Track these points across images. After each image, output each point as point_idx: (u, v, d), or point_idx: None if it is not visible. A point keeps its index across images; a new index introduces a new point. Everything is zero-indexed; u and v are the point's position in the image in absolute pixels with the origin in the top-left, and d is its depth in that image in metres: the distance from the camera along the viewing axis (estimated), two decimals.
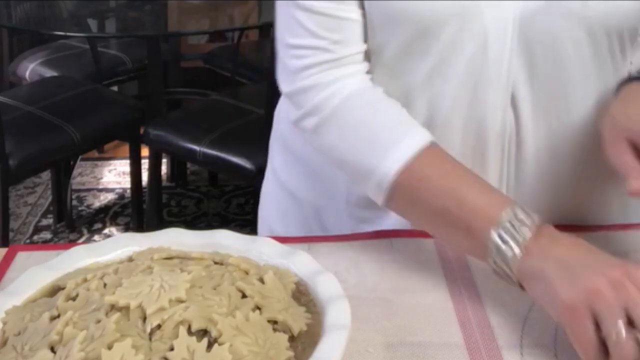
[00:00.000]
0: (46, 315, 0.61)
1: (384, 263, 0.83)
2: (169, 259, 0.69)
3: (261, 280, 0.66)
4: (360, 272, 0.81)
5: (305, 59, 0.85)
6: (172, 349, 0.57)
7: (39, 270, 0.70)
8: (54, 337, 0.58)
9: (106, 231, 2.83)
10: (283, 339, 0.61)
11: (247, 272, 0.67)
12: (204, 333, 0.59)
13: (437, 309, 0.76)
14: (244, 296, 0.63)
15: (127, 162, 2.68)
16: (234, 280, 0.64)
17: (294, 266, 0.71)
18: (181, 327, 0.58)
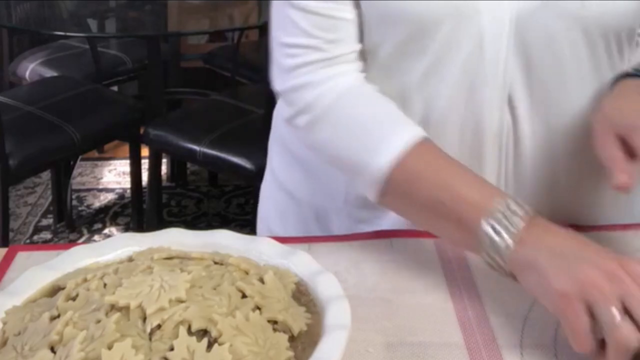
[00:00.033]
0: (46, 315, 0.61)
1: (384, 263, 0.83)
2: (169, 259, 0.69)
3: (261, 280, 0.66)
4: (360, 272, 0.81)
5: (298, 57, 0.85)
6: (172, 349, 0.57)
7: (39, 270, 0.70)
8: (54, 337, 0.58)
9: (106, 231, 2.83)
10: (283, 339, 0.61)
11: (247, 272, 0.67)
12: (204, 333, 0.59)
13: (437, 309, 0.76)
14: (244, 296, 0.63)
15: (127, 162, 2.68)
16: (234, 280, 0.64)
17: (294, 266, 0.71)
18: (181, 327, 0.58)
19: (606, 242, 0.84)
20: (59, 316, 0.61)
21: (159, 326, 0.59)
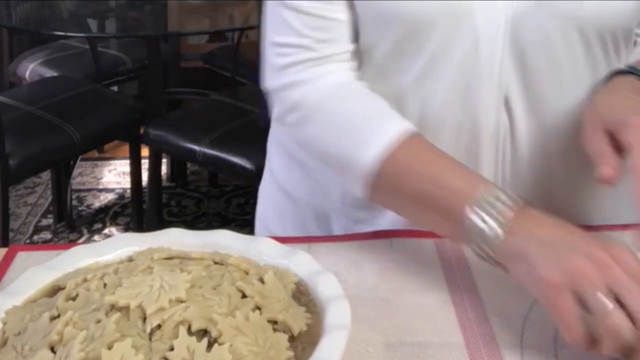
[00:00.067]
0: (46, 315, 0.61)
1: (383, 263, 0.83)
2: (169, 259, 0.69)
3: (261, 280, 0.66)
4: (360, 272, 0.81)
5: (289, 56, 0.86)
6: (172, 349, 0.57)
7: (39, 270, 0.70)
8: (54, 337, 0.58)
9: (106, 231, 2.83)
10: (283, 339, 0.61)
11: (247, 272, 0.67)
12: (204, 333, 0.59)
13: (437, 309, 0.76)
14: (244, 296, 0.63)
15: (127, 162, 2.68)
16: (234, 280, 0.64)
17: (294, 266, 0.71)
18: (181, 327, 0.58)
19: None
20: (59, 316, 0.61)
21: (159, 326, 0.59)
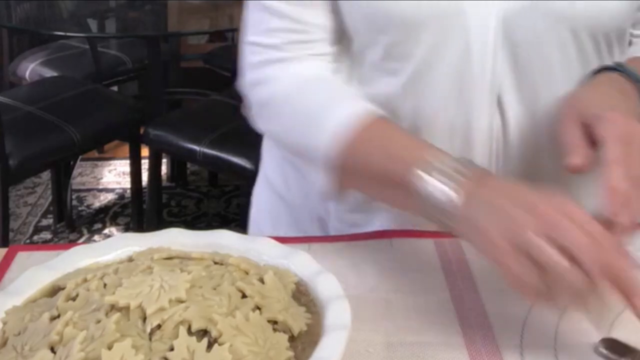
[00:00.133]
0: (46, 315, 0.61)
1: (384, 263, 0.83)
2: (169, 259, 0.69)
3: (261, 280, 0.66)
4: (360, 272, 0.81)
5: (258, 55, 0.88)
6: (172, 349, 0.57)
7: (39, 270, 0.70)
8: (54, 337, 0.58)
9: (106, 231, 2.83)
10: (283, 339, 0.61)
11: (247, 272, 0.67)
12: (204, 333, 0.59)
13: (437, 309, 0.76)
14: (244, 296, 0.63)
15: (127, 162, 2.68)
16: (234, 280, 0.64)
17: (294, 266, 0.71)
18: (181, 327, 0.58)
19: None
20: (59, 316, 0.61)
21: (159, 326, 0.59)
